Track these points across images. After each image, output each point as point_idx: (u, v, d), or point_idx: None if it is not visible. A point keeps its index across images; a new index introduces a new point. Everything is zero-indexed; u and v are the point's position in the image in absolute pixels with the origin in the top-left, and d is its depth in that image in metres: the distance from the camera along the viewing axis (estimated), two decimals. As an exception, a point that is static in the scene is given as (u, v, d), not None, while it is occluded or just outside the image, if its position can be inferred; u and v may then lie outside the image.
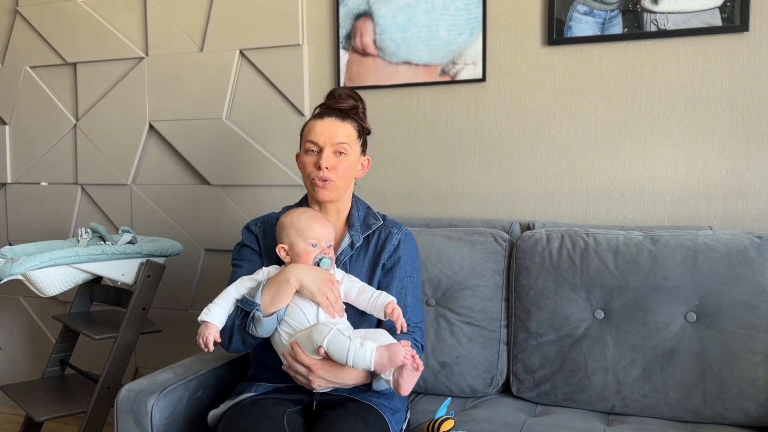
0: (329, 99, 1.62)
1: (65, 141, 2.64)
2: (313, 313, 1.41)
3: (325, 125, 1.54)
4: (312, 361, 1.37)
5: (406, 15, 2.13)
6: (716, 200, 1.90)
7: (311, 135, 1.55)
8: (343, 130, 1.55)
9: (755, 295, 1.59)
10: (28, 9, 2.64)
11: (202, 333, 1.41)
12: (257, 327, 1.40)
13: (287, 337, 1.42)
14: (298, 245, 1.46)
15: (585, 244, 1.73)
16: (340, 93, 1.61)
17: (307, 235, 1.46)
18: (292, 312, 1.42)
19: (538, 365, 1.74)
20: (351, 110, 1.60)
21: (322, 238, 1.47)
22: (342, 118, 1.56)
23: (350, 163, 1.56)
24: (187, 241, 2.44)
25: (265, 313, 1.40)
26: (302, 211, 1.52)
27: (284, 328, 1.42)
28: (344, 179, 1.55)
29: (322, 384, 1.39)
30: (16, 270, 1.88)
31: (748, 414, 1.57)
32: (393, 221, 1.65)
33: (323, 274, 1.44)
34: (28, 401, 2.04)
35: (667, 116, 1.92)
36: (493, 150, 2.10)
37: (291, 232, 1.47)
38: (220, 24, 2.36)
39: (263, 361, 1.55)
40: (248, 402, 1.43)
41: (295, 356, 1.38)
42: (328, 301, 1.41)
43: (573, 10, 1.96)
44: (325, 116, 1.56)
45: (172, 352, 2.45)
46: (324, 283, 1.42)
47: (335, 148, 1.53)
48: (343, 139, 1.54)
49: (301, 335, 1.39)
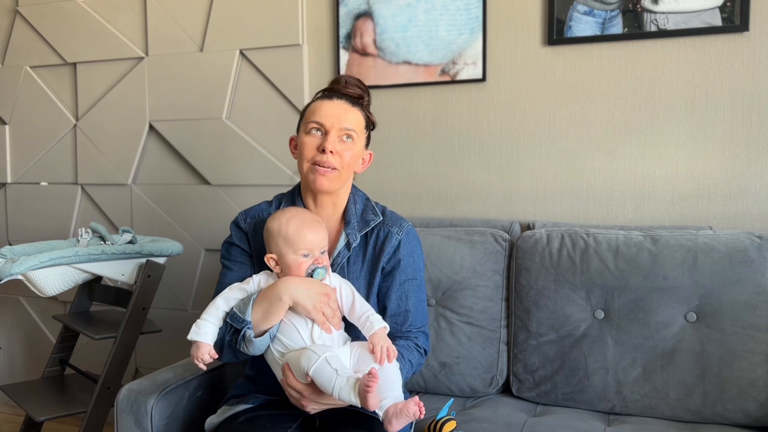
0: (335, 84, 1.49)
1: (65, 141, 2.64)
2: (308, 331, 1.32)
3: (335, 106, 1.41)
4: (302, 387, 1.29)
5: (406, 15, 2.13)
6: (716, 200, 1.90)
7: (316, 115, 1.41)
8: (352, 115, 1.43)
9: (755, 295, 1.59)
10: (28, 9, 2.64)
11: (195, 354, 1.33)
12: (248, 347, 1.32)
13: (279, 355, 1.34)
14: (288, 256, 1.34)
15: (585, 244, 1.73)
16: (347, 80, 1.48)
17: (297, 245, 1.33)
18: (286, 329, 1.33)
19: (538, 365, 1.74)
20: (359, 99, 1.47)
21: (315, 246, 1.35)
22: (352, 103, 1.44)
23: (355, 152, 1.43)
24: (187, 241, 2.44)
25: (257, 331, 1.31)
26: (291, 215, 1.37)
27: (277, 347, 1.34)
28: (347, 169, 1.43)
29: (315, 407, 1.31)
30: (16, 270, 1.87)
31: (748, 414, 1.57)
32: (393, 216, 1.52)
33: (318, 288, 1.33)
34: (28, 401, 2.04)
35: (667, 116, 1.92)
36: (493, 150, 2.10)
37: (279, 241, 1.34)
38: (220, 24, 2.36)
39: (261, 365, 1.45)
40: (245, 420, 1.38)
41: (287, 380, 1.31)
42: (324, 318, 1.32)
43: (573, 10, 1.96)
44: (334, 98, 1.43)
45: (172, 352, 2.45)
46: (319, 299, 1.32)
47: (343, 132, 1.41)
48: (352, 125, 1.42)
49: (292, 356, 1.31)
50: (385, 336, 1.32)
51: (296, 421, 1.39)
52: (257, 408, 1.44)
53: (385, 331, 1.33)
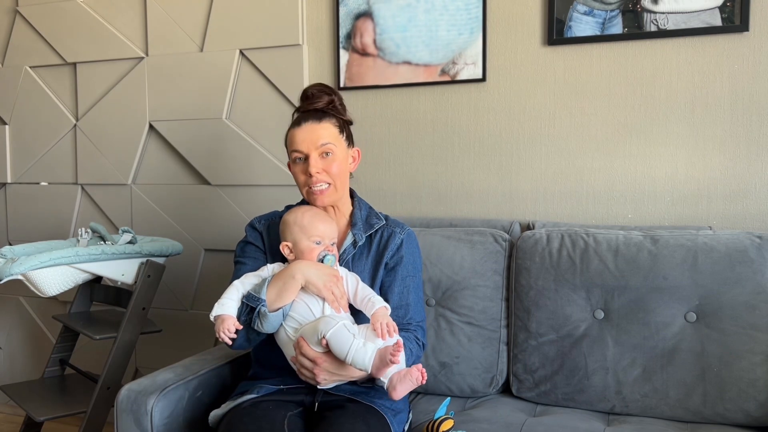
0: (303, 101, 1.60)
1: (65, 141, 2.64)
2: (319, 309, 1.42)
3: (305, 131, 1.53)
4: (317, 355, 1.36)
5: (406, 15, 2.13)
6: (716, 200, 1.90)
7: (294, 144, 1.54)
8: (323, 130, 1.53)
9: (755, 295, 1.59)
10: (28, 9, 2.64)
11: (220, 328, 1.40)
12: (263, 322, 1.40)
13: (293, 332, 1.42)
14: (302, 242, 1.47)
15: (585, 244, 1.73)
16: (312, 92, 1.59)
17: (310, 232, 1.47)
18: (298, 307, 1.43)
19: (538, 365, 1.74)
20: (327, 106, 1.57)
21: (326, 236, 1.48)
22: (319, 119, 1.54)
23: (340, 161, 1.54)
24: (187, 241, 2.44)
25: (271, 308, 1.40)
26: (306, 209, 1.52)
27: (290, 323, 1.43)
28: (339, 178, 1.55)
29: (327, 378, 1.38)
30: (16, 270, 1.88)
31: (748, 414, 1.57)
32: (396, 221, 1.65)
33: (328, 270, 1.44)
34: (28, 401, 2.04)
35: (667, 116, 1.92)
36: (493, 150, 2.10)
37: (295, 229, 1.48)
38: (220, 24, 2.36)
39: (264, 361, 1.55)
40: (248, 405, 1.42)
41: (301, 349, 1.38)
42: (333, 296, 1.41)
43: (573, 10, 1.96)
44: (302, 122, 1.55)
45: (172, 352, 2.45)
46: (329, 279, 1.42)
47: (320, 150, 1.52)
48: (326, 139, 1.53)
49: (307, 328, 1.40)
50: (385, 314, 1.41)
51: (298, 407, 1.44)
52: (260, 397, 1.47)
53: (386, 311, 1.43)
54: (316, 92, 1.59)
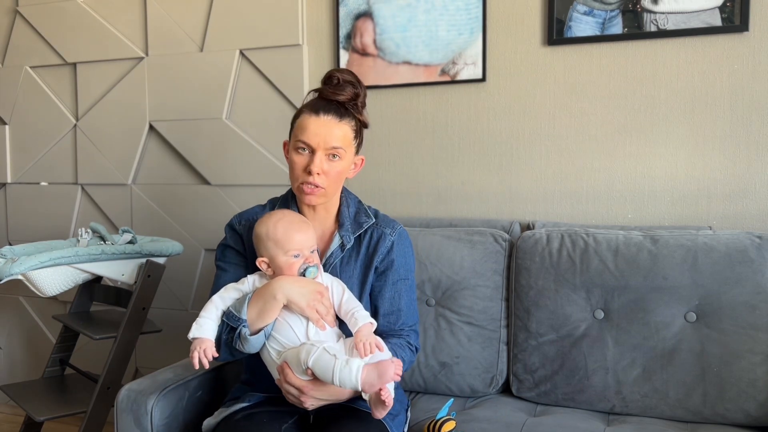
0: (326, 84, 1.46)
1: (65, 141, 2.64)
2: (303, 328, 1.35)
3: (321, 125, 1.40)
4: (302, 383, 1.30)
5: (406, 15, 2.13)
6: (716, 200, 1.90)
7: (304, 134, 1.41)
8: (339, 131, 1.41)
9: (755, 295, 1.59)
10: (28, 9, 2.64)
11: (197, 348, 1.33)
12: (244, 344, 1.34)
13: (276, 354, 1.36)
14: (279, 258, 1.36)
15: (585, 244, 1.73)
16: (339, 78, 1.44)
17: (286, 246, 1.36)
18: (281, 328, 1.35)
19: (538, 365, 1.74)
20: (350, 102, 1.44)
21: (304, 246, 1.37)
22: (340, 117, 1.42)
23: (343, 167, 1.44)
24: (187, 241, 2.44)
25: (252, 329, 1.33)
26: (277, 219, 1.39)
27: (273, 345, 1.36)
28: (335, 183, 1.45)
29: (314, 403, 1.33)
30: (16, 270, 1.87)
31: (748, 414, 1.57)
32: (386, 219, 1.55)
33: (311, 286, 1.36)
34: (28, 401, 2.04)
35: (667, 116, 1.92)
36: (493, 150, 2.10)
37: (269, 245, 1.37)
38: (220, 24, 2.36)
39: (255, 369, 1.48)
40: (242, 418, 1.39)
41: (285, 377, 1.31)
42: (318, 315, 1.34)
43: (573, 10, 1.96)
44: (321, 113, 1.41)
45: (172, 352, 2.45)
46: (313, 297, 1.34)
47: (329, 151, 1.41)
48: (339, 143, 1.41)
49: (290, 354, 1.33)
50: (369, 332, 1.33)
51: (293, 417, 1.41)
52: (254, 405, 1.45)
53: (371, 327, 1.35)
54: (344, 80, 1.44)
